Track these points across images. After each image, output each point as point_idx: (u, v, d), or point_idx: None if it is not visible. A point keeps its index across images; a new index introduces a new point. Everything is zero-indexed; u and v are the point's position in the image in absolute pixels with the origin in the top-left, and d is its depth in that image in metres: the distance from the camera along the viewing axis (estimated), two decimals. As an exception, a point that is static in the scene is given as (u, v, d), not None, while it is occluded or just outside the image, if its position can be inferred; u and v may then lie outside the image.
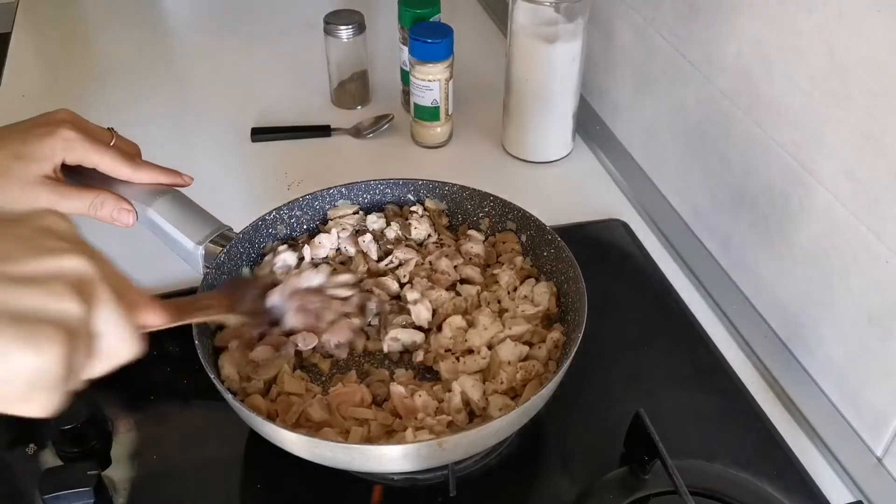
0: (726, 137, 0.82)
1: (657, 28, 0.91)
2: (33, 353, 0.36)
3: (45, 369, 0.37)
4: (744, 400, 0.73)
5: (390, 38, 1.14)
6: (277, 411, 0.66)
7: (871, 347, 0.67)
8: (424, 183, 0.83)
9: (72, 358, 0.38)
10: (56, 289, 0.38)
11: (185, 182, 0.74)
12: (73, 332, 0.38)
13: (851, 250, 0.67)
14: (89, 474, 0.61)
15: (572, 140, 1.05)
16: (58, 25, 1.36)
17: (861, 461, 0.68)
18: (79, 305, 0.39)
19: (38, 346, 0.36)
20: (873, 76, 0.61)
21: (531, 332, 0.71)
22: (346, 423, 0.65)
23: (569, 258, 0.72)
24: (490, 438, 0.63)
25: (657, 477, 0.64)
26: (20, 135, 0.66)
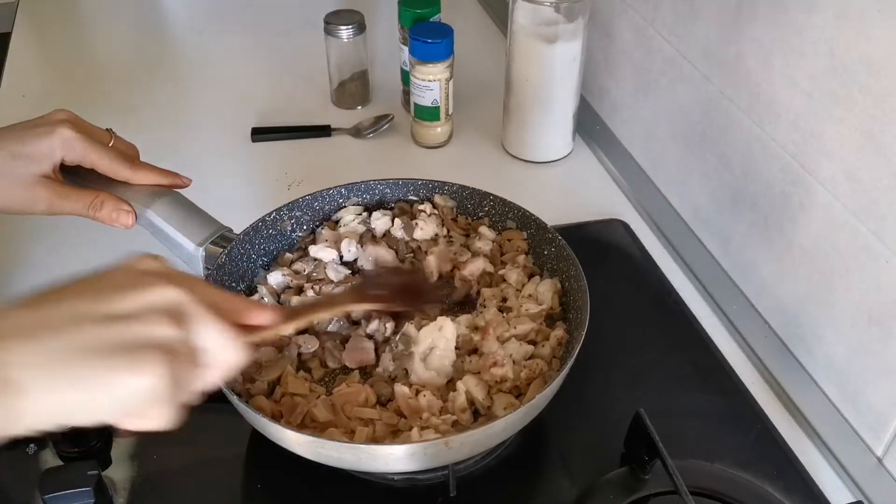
0: (726, 137, 0.82)
1: (657, 28, 0.91)
2: (139, 376, 0.42)
3: (152, 388, 0.42)
4: (744, 400, 0.73)
5: (390, 38, 1.14)
6: (282, 412, 0.65)
7: (871, 347, 0.67)
8: (424, 183, 0.83)
9: (176, 374, 0.43)
10: (152, 318, 0.43)
11: (184, 183, 0.74)
12: (173, 351, 0.43)
13: (851, 250, 0.67)
14: (89, 474, 0.61)
15: (572, 140, 1.05)
16: (58, 25, 1.36)
17: (861, 461, 0.68)
18: (173, 328, 0.44)
19: (141, 369, 0.42)
20: (873, 76, 0.61)
21: (535, 330, 0.71)
22: (351, 423, 0.65)
23: (570, 257, 0.72)
24: (495, 437, 0.63)
25: (657, 477, 0.64)
26: (19, 135, 0.66)
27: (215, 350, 0.47)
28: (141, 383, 0.42)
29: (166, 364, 0.42)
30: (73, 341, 0.41)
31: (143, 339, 0.43)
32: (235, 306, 0.50)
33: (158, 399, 0.43)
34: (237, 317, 0.50)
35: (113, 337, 0.42)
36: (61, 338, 0.41)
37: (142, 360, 0.42)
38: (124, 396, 0.42)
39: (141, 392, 0.42)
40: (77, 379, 0.41)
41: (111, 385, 0.41)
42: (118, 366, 0.41)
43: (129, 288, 0.44)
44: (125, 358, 0.42)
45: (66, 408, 0.41)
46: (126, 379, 0.42)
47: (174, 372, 0.43)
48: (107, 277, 0.46)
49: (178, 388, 0.44)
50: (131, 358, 0.42)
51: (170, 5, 1.44)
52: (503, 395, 0.67)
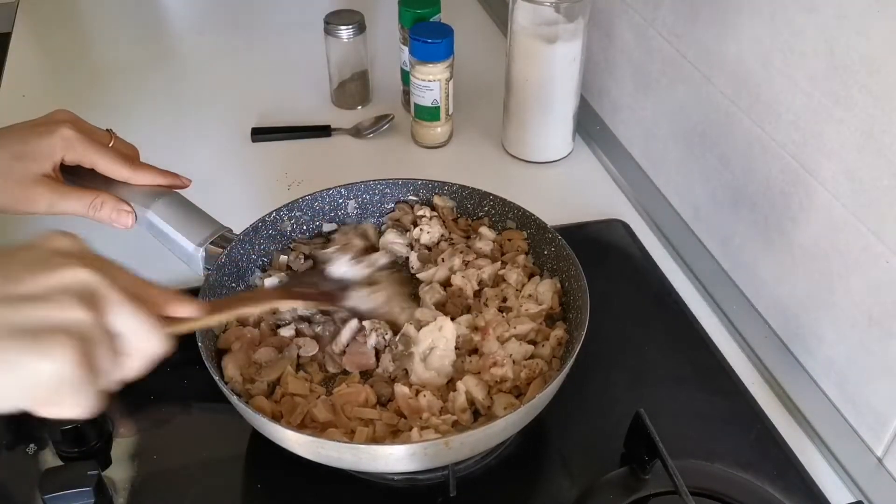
0: (726, 137, 0.82)
1: (657, 28, 0.91)
2: (46, 360, 0.40)
3: (60, 373, 0.40)
4: (744, 400, 0.73)
5: (390, 38, 1.14)
6: (282, 412, 0.65)
7: (871, 347, 0.67)
8: (424, 183, 0.83)
9: (89, 360, 0.41)
10: (62, 300, 0.41)
11: (183, 184, 0.74)
12: (85, 336, 0.41)
13: (851, 250, 0.67)
14: (89, 474, 0.61)
15: (572, 140, 1.05)
16: (58, 25, 1.36)
17: (861, 461, 0.68)
18: (85, 312, 0.42)
19: (48, 352, 0.40)
20: (873, 76, 0.61)
21: (535, 330, 0.71)
22: (352, 423, 0.65)
23: (570, 256, 0.72)
24: (495, 437, 0.63)
25: (657, 477, 0.64)
26: (19, 135, 0.67)
27: (134, 337, 0.45)
28: (47, 368, 0.40)
29: (75, 348, 0.41)
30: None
31: (50, 322, 0.41)
32: (155, 295, 0.49)
33: (69, 385, 0.41)
34: (157, 307, 0.48)
35: (18, 319, 0.40)
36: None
37: (48, 344, 0.40)
38: (31, 382, 0.40)
39: (49, 377, 0.40)
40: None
41: (15, 369, 0.40)
42: (23, 349, 0.40)
43: (39, 268, 0.42)
44: (30, 341, 0.40)
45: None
46: (31, 363, 0.40)
47: (85, 357, 0.41)
48: (15, 255, 0.44)
49: (92, 374, 0.42)
50: (37, 341, 0.40)
51: (170, 5, 1.44)
52: (503, 395, 0.67)
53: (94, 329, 0.42)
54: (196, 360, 0.63)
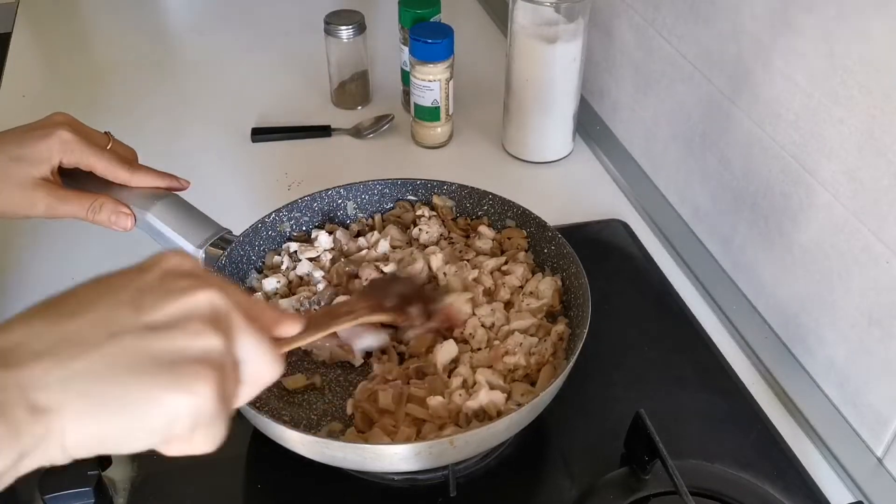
0: (726, 137, 0.82)
1: (657, 28, 0.91)
2: (188, 395, 0.37)
3: (201, 407, 0.38)
4: (744, 400, 0.73)
5: (390, 38, 1.14)
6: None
7: (871, 348, 0.67)
8: (423, 182, 0.83)
9: (224, 391, 0.39)
10: (194, 328, 0.38)
11: (182, 186, 0.74)
12: (220, 365, 0.39)
13: (851, 250, 0.67)
14: (89, 474, 0.61)
15: (572, 140, 1.05)
16: (58, 25, 1.36)
17: (861, 461, 0.68)
18: (219, 339, 0.39)
19: (190, 387, 0.37)
20: (873, 76, 0.61)
21: (536, 325, 0.71)
22: (406, 419, 0.65)
23: (570, 254, 0.72)
24: (499, 435, 0.63)
25: (657, 477, 0.64)
26: (17, 138, 0.66)
27: (256, 364, 0.42)
28: (188, 403, 0.37)
29: (215, 381, 0.38)
30: (109, 357, 0.36)
31: (187, 352, 0.38)
32: (267, 314, 0.46)
33: (207, 420, 0.38)
34: (269, 328, 0.45)
35: (154, 350, 0.37)
36: (95, 354, 0.36)
37: (188, 377, 0.37)
38: (169, 419, 0.37)
39: (188, 414, 0.37)
40: (115, 401, 0.36)
41: (154, 407, 0.36)
42: (162, 385, 0.36)
43: (165, 292, 0.39)
44: (169, 375, 0.37)
45: (103, 434, 0.36)
46: (171, 399, 0.37)
47: (222, 386, 0.38)
48: (131, 281, 0.40)
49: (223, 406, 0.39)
50: (176, 374, 0.37)
51: (170, 5, 1.44)
52: (518, 384, 0.67)
53: (227, 357, 0.40)
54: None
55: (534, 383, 0.68)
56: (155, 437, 0.38)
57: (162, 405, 0.37)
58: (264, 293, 0.75)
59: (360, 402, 0.67)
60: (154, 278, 0.40)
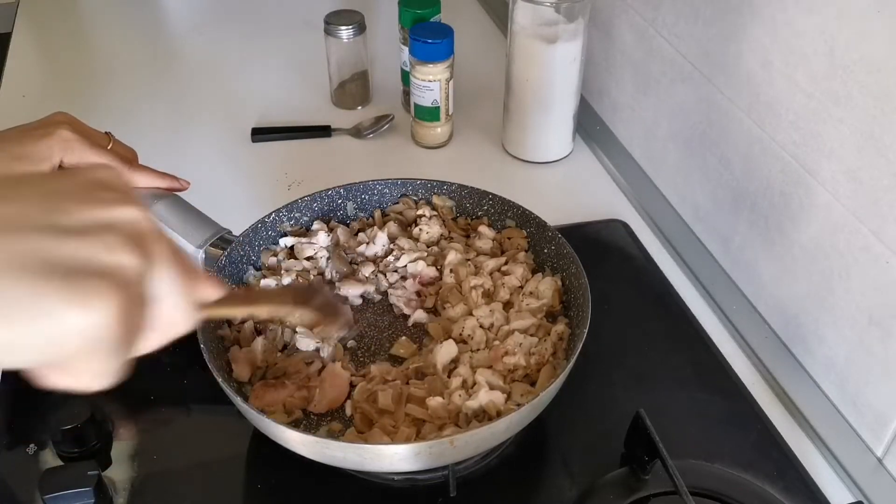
0: (726, 137, 0.82)
1: (657, 28, 0.91)
2: (84, 311, 0.32)
3: (97, 329, 0.33)
4: (744, 400, 0.73)
5: (390, 38, 1.14)
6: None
7: (871, 348, 0.67)
8: (423, 182, 0.83)
9: (127, 318, 0.34)
10: (109, 240, 0.34)
11: (182, 186, 0.74)
12: (127, 287, 0.34)
13: (851, 250, 0.67)
14: (89, 474, 0.61)
15: (572, 140, 1.05)
16: (58, 25, 1.36)
17: (861, 461, 0.68)
18: (134, 258, 0.34)
19: (88, 301, 0.32)
20: (873, 76, 0.61)
21: (536, 325, 0.71)
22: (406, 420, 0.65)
23: (570, 254, 0.72)
24: (499, 435, 0.63)
25: (657, 477, 0.64)
26: (17, 137, 0.66)
27: (168, 305, 0.37)
28: (80, 320, 0.32)
29: (118, 301, 0.33)
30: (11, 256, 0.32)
31: (93, 262, 0.33)
32: (190, 266, 0.40)
33: (99, 346, 0.34)
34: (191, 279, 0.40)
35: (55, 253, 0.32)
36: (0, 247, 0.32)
37: (88, 290, 0.32)
38: (60, 335, 0.32)
39: (78, 332, 0.32)
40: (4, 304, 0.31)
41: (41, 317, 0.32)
42: (55, 293, 0.32)
43: (85, 198, 0.35)
44: (66, 283, 0.32)
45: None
46: (62, 311, 0.32)
47: (125, 312, 0.34)
48: (56, 180, 0.36)
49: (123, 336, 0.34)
50: (75, 285, 0.32)
51: (170, 5, 1.44)
52: (518, 384, 0.67)
53: (138, 282, 0.35)
54: (196, 361, 0.63)
55: (534, 383, 0.68)
56: (37, 353, 0.33)
57: (50, 316, 0.32)
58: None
59: (359, 403, 0.67)
60: (78, 182, 0.36)
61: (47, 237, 0.33)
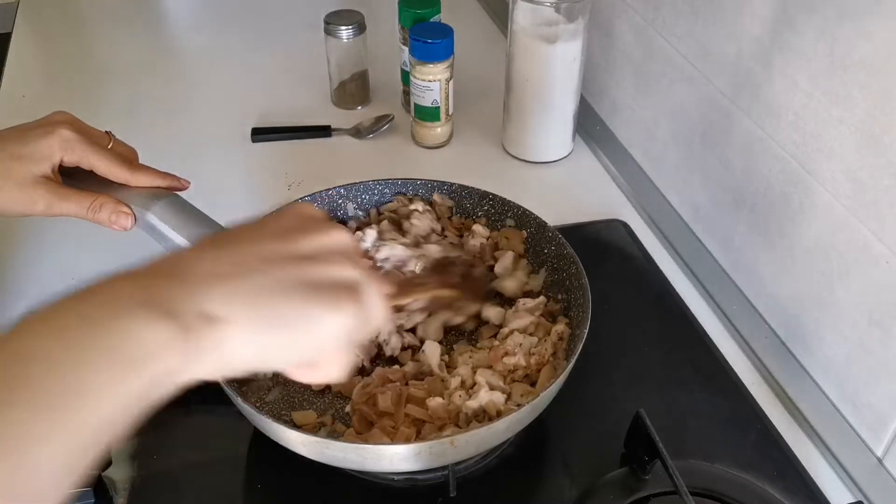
0: (726, 137, 0.82)
1: (657, 28, 0.91)
2: (338, 312, 0.41)
3: (347, 328, 0.42)
4: (744, 400, 0.73)
5: (390, 38, 1.14)
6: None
7: (871, 348, 0.67)
8: (423, 182, 0.83)
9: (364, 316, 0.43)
10: (336, 259, 0.43)
11: (182, 185, 0.74)
12: (360, 291, 0.43)
13: (851, 250, 0.67)
14: (89, 474, 0.61)
15: (572, 140, 1.05)
16: (58, 25, 1.36)
17: (861, 461, 0.68)
18: (356, 271, 0.44)
19: (339, 305, 0.41)
20: (873, 76, 0.61)
21: (535, 324, 0.71)
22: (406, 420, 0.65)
23: (570, 254, 0.72)
24: (500, 435, 0.63)
25: (657, 477, 0.64)
26: (18, 136, 0.66)
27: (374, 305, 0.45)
28: (338, 322, 0.41)
29: (356, 302, 0.42)
30: (270, 279, 0.41)
31: (333, 277, 0.42)
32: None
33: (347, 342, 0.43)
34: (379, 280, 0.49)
35: (304, 275, 0.42)
36: (257, 276, 0.41)
37: (337, 298, 0.41)
38: (319, 336, 0.41)
39: (337, 332, 0.42)
40: (278, 316, 0.40)
41: (310, 323, 0.41)
42: (315, 303, 0.41)
43: (306, 230, 0.44)
44: (321, 295, 0.41)
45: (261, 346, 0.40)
46: (326, 316, 0.41)
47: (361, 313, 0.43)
48: (276, 221, 0.45)
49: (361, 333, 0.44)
50: (327, 295, 0.41)
51: (170, 5, 1.44)
52: (518, 385, 0.67)
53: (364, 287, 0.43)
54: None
55: (534, 383, 0.68)
56: (303, 352, 0.42)
57: (317, 321, 0.41)
58: None
59: (359, 405, 0.67)
60: (292, 220, 0.45)
61: (293, 263, 0.42)
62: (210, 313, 0.39)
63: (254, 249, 0.42)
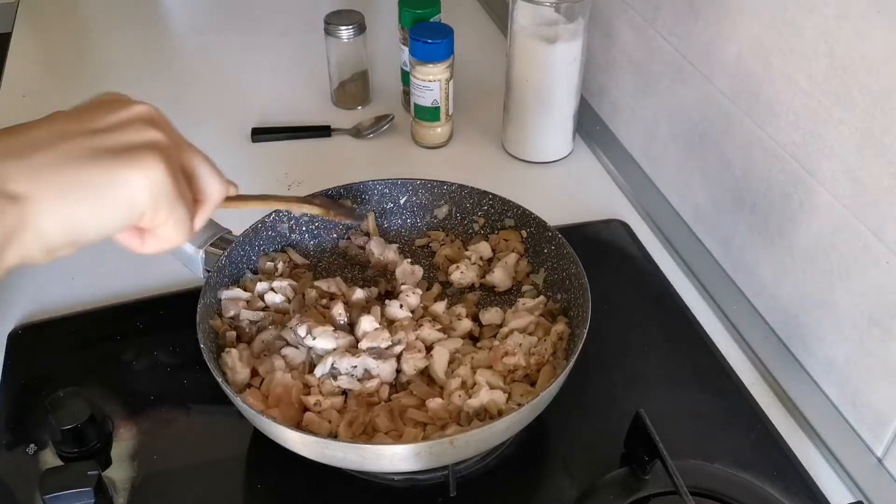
0: (726, 137, 0.82)
1: (657, 28, 0.91)
2: (141, 170, 0.42)
3: (156, 182, 0.43)
4: (744, 400, 0.73)
5: (390, 38, 1.14)
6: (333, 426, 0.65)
7: (871, 348, 0.67)
8: (423, 182, 0.83)
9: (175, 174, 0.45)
10: (136, 126, 0.45)
11: None
12: (165, 149, 0.45)
13: (851, 250, 0.67)
14: (89, 474, 0.61)
15: (572, 140, 1.05)
16: (58, 25, 1.36)
17: (861, 461, 0.68)
18: (160, 134, 0.45)
19: (142, 162, 0.43)
20: (873, 76, 0.61)
21: (534, 323, 0.71)
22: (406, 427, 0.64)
23: (570, 254, 0.72)
24: (500, 435, 0.63)
25: (657, 477, 0.64)
26: None
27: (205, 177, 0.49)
28: (143, 178, 0.42)
29: (160, 156, 0.43)
30: (66, 152, 0.41)
31: (133, 141, 0.44)
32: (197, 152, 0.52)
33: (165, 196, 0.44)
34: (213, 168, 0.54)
35: (103, 143, 0.43)
36: (53, 150, 0.41)
37: (139, 157, 0.43)
38: (130, 197, 0.42)
39: (144, 188, 0.42)
40: (79, 184, 0.41)
41: (114, 185, 0.42)
42: (115, 164, 0.42)
43: (105, 108, 0.45)
44: (120, 156, 0.42)
45: (73, 217, 0.41)
46: (128, 175, 0.42)
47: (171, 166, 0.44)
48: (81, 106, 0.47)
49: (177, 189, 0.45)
50: (126, 155, 0.43)
51: (170, 5, 1.44)
52: (518, 384, 0.67)
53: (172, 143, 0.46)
54: (196, 362, 0.63)
55: (534, 383, 0.68)
56: (119, 216, 0.43)
57: (120, 182, 0.42)
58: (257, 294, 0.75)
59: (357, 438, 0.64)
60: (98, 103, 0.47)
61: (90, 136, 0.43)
62: (11, 191, 0.39)
63: (52, 127, 0.43)
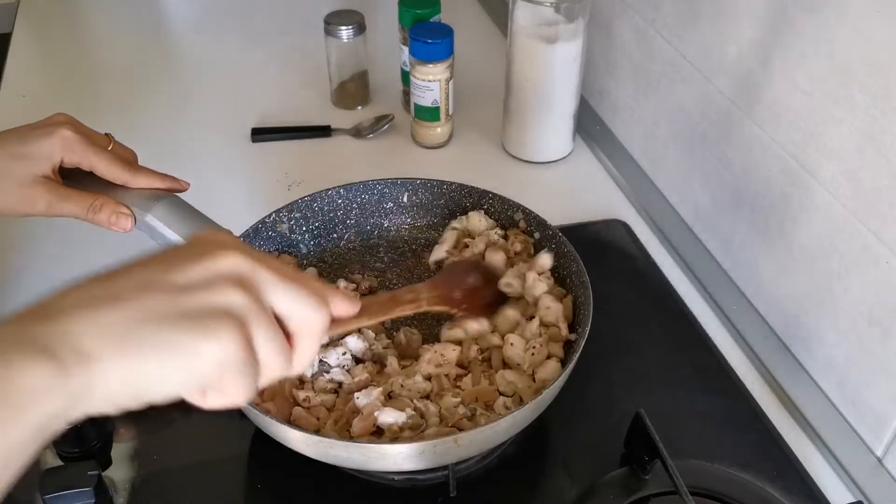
0: (726, 137, 0.82)
1: (657, 28, 0.91)
2: (213, 341, 0.41)
3: (227, 353, 0.41)
4: (744, 400, 0.73)
5: (390, 39, 1.14)
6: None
7: (871, 348, 0.67)
8: (423, 182, 0.83)
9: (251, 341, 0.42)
10: (218, 286, 0.42)
11: (182, 187, 0.74)
12: (244, 317, 0.42)
13: (851, 250, 0.67)
14: (90, 474, 0.61)
15: (572, 140, 1.05)
16: (58, 25, 1.36)
17: (861, 461, 0.68)
18: (241, 295, 0.43)
19: (215, 333, 0.41)
20: (873, 76, 0.61)
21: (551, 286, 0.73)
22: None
23: (571, 253, 0.73)
24: (503, 433, 0.63)
25: (657, 477, 0.64)
26: (19, 136, 0.66)
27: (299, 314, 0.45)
28: (213, 349, 0.41)
29: (237, 328, 0.41)
30: (141, 310, 0.40)
31: (212, 306, 0.42)
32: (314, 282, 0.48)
33: (234, 367, 0.42)
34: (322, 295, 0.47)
35: (181, 305, 0.41)
36: (129, 307, 0.40)
37: (213, 326, 0.41)
38: (198, 365, 0.41)
39: (214, 359, 0.41)
40: (148, 347, 0.40)
41: (183, 352, 0.40)
42: (189, 332, 0.40)
43: (196, 258, 0.43)
44: (195, 324, 0.41)
45: (139, 379, 0.40)
46: (198, 344, 0.41)
47: (248, 338, 0.42)
48: (176, 250, 0.45)
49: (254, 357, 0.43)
50: (202, 324, 0.41)
51: (170, 5, 1.44)
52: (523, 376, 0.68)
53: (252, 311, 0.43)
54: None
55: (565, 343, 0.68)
56: (186, 384, 0.42)
57: (189, 349, 0.40)
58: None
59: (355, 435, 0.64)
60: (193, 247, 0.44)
61: (170, 293, 0.41)
62: (81, 349, 0.38)
63: (132, 279, 0.42)
